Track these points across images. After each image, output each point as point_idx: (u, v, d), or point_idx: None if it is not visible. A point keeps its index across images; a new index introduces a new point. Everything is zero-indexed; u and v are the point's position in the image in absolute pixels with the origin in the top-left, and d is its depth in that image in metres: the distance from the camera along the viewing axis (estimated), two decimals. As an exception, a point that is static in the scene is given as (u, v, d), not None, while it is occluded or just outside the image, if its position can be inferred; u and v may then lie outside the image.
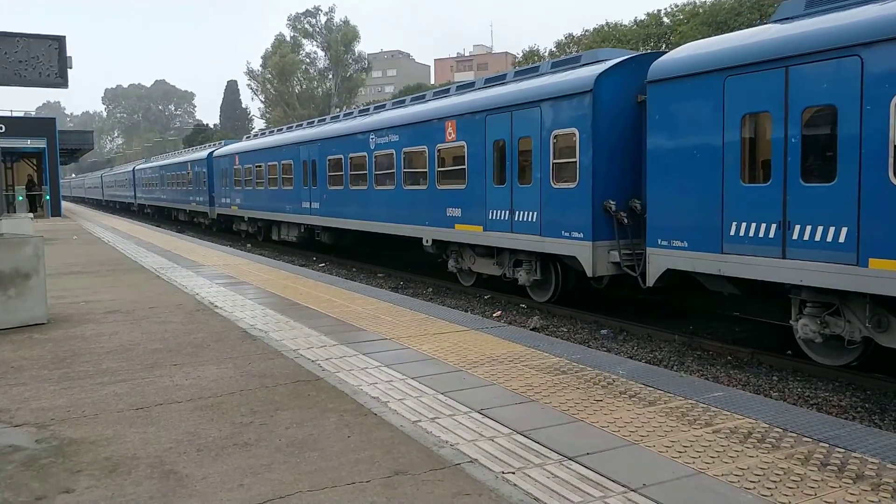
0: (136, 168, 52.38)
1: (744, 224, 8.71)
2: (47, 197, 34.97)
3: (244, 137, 35.14)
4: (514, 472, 3.71)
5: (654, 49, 36.12)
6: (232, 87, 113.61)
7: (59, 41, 10.23)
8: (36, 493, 3.53)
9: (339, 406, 4.86)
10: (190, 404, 4.93)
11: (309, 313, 8.47)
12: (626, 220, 10.85)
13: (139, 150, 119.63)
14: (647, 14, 43.27)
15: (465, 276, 15.11)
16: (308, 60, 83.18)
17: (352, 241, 20.45)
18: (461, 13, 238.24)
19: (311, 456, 3.96)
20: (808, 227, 8.00)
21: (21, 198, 33.48)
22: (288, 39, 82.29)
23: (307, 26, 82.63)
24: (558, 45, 47.57)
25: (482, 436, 4.26)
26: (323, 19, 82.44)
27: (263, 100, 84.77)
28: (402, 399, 5.00)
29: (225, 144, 33.40)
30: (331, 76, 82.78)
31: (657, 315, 11.83)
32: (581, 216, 11.14)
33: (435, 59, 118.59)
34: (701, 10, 38.39)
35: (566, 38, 47.45)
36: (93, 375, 5.72)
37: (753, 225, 8.59)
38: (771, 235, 8.37)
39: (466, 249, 14.59)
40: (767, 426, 4.37)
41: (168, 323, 7.92)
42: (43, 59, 10.14)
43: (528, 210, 12.24)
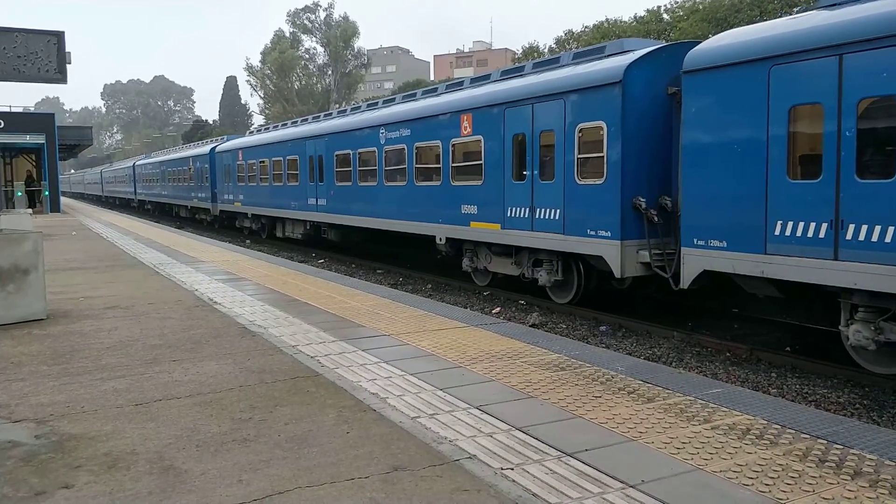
0: (136, 164, 51.96)
1: (790, 223, 8.16)
2: (46, 193, 34.95)
3: (247, 132, 34.64)
4: (512, 468, 3.72)
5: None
6: (231, 83, 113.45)
7: (58, 36, 10.21)
8: (35, 489, 3.53)
9: (338, 402, 4.86)
10: (189, 400, 4.94)
11: (308, 309, 8.47)
12: (656, 219, 10.35)
13: (138, 145, 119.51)
14: (647, 10, 43.18)
15: (480, 276, 14.61)
16: (307, 56, 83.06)
17: (359, 238, 20.10)
18: (461, 9, 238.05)
19: (310, 452, 3.97)
20: (864, 227, 7.44)
21: (20, 193, 33.46)
22: (287, 35, 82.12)
23: (306, 22, 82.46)
24: (558, 41, 47.47)
25: (481, 432, 4.27)
26: (322, 15, 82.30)
27: (263, 96, 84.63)
28: (401, 395, 5.01)
29: (228, 140, 32.90)
30: (330, 72, 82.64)
31: (659, 312, 11.83)
32: (609, 214, 10.60)
33: (434, 56, 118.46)
34: (701, 7, 38.32)
35: (565, 34, 47.37)
36: (92, 371, 5.72)
37: (801, 224, 8.05)
38: (821, 235, 7.81)
39: (482, 248, 14.08)
40: (766, 422, 4.38)
41: (167, 319, 7.92)
42: (42, 54, 10.12)
43: (550, 207, 11.71)
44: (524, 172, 12.30)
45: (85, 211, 40.60)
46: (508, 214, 12.68)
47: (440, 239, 14.91)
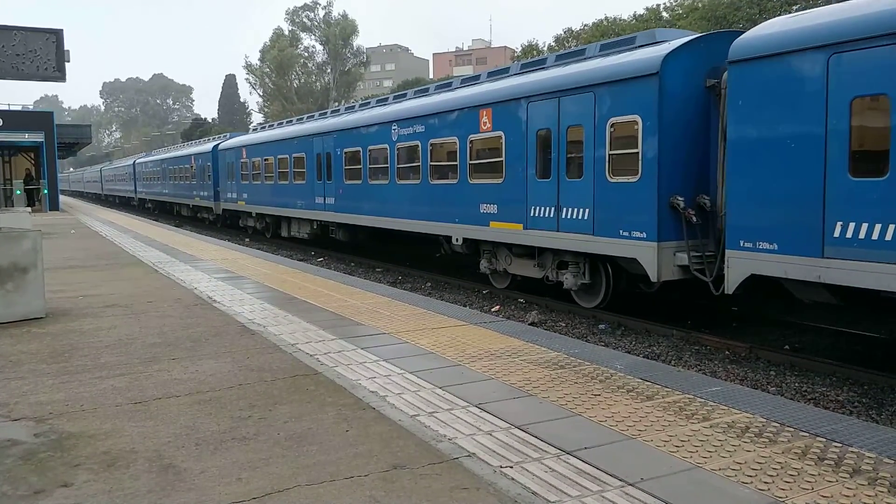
0: (136, 161, 51.38)
1: (852, 224, 7.51)
2: (45, 191, 34.93)
3: (251, 129, 34.13)
4: (511, 466, 3.72)
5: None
6: (230, 82, 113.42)
7: (57, 35, 10.21)
8: (34, 487, 3.53)
9: (338, 400, 4.86)
10: (188, 398, 4.94)
11: (307, 307, 8.47)
12: (694, 219, 9.76)
13: (137, 144, 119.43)
14: (646, 9, 43.21)
15: (499, 278, 13.97)
16: (306, 54, 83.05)
17: (368, 238, 19.62)
18: (460, 7, 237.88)
19: (310, 450, 3.97)
20: None
21: (19, 192, 33.41)
22: (286, 33, 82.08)
23: (305, 20, 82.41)
24: (557, 39, 47.48)
25: (480, 430, 4.27)
26: (321, 13, 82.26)
27: (262, 94, 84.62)
28: (400, 393, 5.01)
29: (231, 137, 32.24)
30: (329, 70, 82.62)
31: (658, 311, 11.84)
32: (644, 214, 10.00)
33: (433, 54, 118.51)
34: (700, 5, 38.33)
35: (565, 32, 47.37)
36: (91, 369, 5.72)
37: (865, 225, 7.40)
38: (888, 238, 7.21)
39: (502, 249, 13.46)
40: (765, 420, 4.38)
41: (166, 317, 7.91)
42: (40, 52, 10.12)
43: (578, 207, 11.09)
44: (549, 170, 11.70)
45: (84, 209, 40.58)
46: (531, 214, 12.08)
47: (456, 239, 14.26)
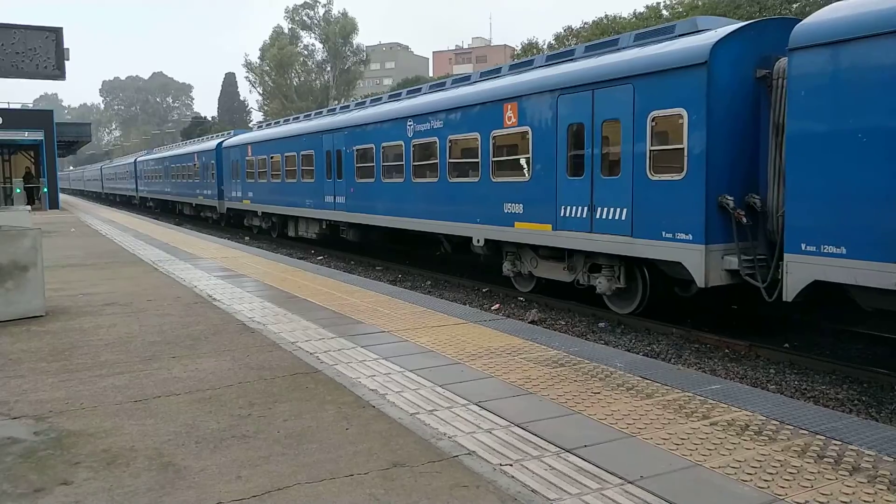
0: (138, 160, 50.85)
1: None
2: (45, 189, 34.92)
3: (255, 126, 33.65)
4: (511, 464, 3.72)
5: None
6: (230, 80, 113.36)
7: (56, 33, 10.20)
8: (34, 485, 3.53)
9: (338, 398, 4.87)
10: (188, 396, 4.94)
11: (307, 306, 8.47)
12: (744, 220, 9.12)
13: (137, 142, 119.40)
14: (647, 7, 43.21)
15: (523, 282, 13.28)
16: (306, 53, 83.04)
17: (381, 239, 19.04)
18: (459, 6, 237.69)
19: (310, 448, 3.97)
20: None
21: (19, 190, 33.42)
22: (286, 31, 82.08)
23: (305, 18, 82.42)
24: (557, 37, 47.46)
25: (480, 428, 4.27)
26: (321, 11, 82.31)
27: (261, 92, 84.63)
28: (400, 391, 5.01)
29: (235, 134, 31.60)
30: (329, 68, 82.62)
31: (657, 309, 11.83)
32: (690, 214, 9.34)
33: (433, 52, 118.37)
34: (700, 3, 38.31)
35: (565, 30, 47.36)
36: (91, 368, 5.72)
37: None
38: None
39: (526, 251, 12.79)
40: (764, 418, 4.38)
41: (166, 315, 7.91)
42: (40, 50, 10.11)
43: (614, 206, 10.39)
44: (582, 167, 10.99)
45: (84, 208, 40.58)
46: (561, 214, 11.35)
47: (477, 241, 13.56)
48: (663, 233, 9.73)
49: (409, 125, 15.68)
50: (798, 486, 3.43)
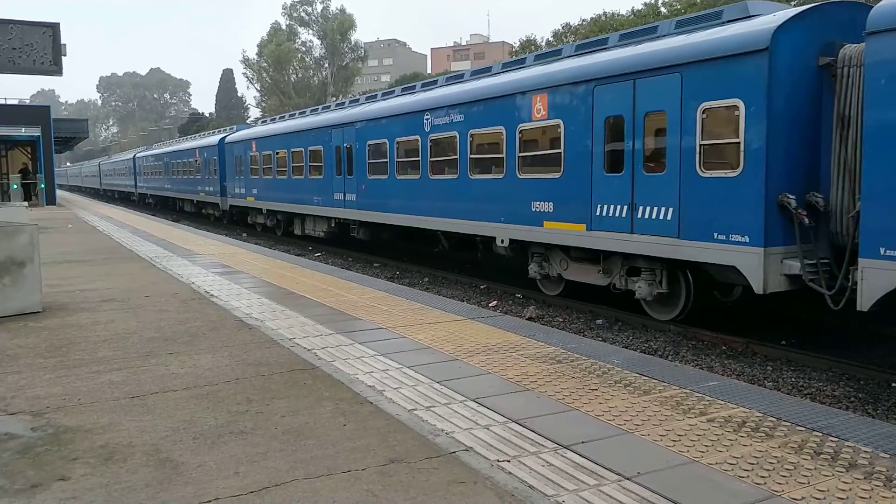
0: (137, 155, 50.03)
1: None
2: (42, 185, 34.85)
3: (254, 123, 33.05)
4: (509, 461, 3.72)
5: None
6: (227, 76, 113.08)
7: (54, 28, 10.18)
8: (32, 481, 3.53)
9: (335, 395, 4.87)
10: (186, 393, 4.93)
11: (305, 302, 8.47)
12: (806, 220, 8.43)
13: (134, 138, 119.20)
14: (644, 4, 43.17)
15: (551, 285, 12.57)
16: (304, 49, 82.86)
17: (392, 237, 18.42)
18: (458, 3, 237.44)
19: (307, 444, 3.97)
20: None
21: (15, 186, 33.31)
22: (284, 28, 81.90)
23: (303, 14, 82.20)
24: (555, 34, 47.46)
25: (477, 424, 4.27)
26: (319, 7, 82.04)
27: (259, 89, 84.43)
28: (397, 388, 5.01)
29: (238, 129, 30.66)
30: (326, 65, 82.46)
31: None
32: (746, 214, 8.67)
33: (431, 49, 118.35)
34: (699, 1, 38.29)
35: (563, 27, 47.35)
36: (88, 364, 5.72)
37: None
38: None
39: (555, 252, 12.10)
40: (761, 415, 4.39)
41: (164, 312, 7.91)
42: (37, 46, 10.09)
43: (658, 205, 9.69)
44: (621, 162, 10.28)
45: (81, 204, 40.51)
46: (597, 213, 10.64)
47: (501, 241, 12.84)
48: (715, 234, 9.05)
49: (427, 119, 14.96)
50: (795, 483, 3.43)
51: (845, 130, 8.27)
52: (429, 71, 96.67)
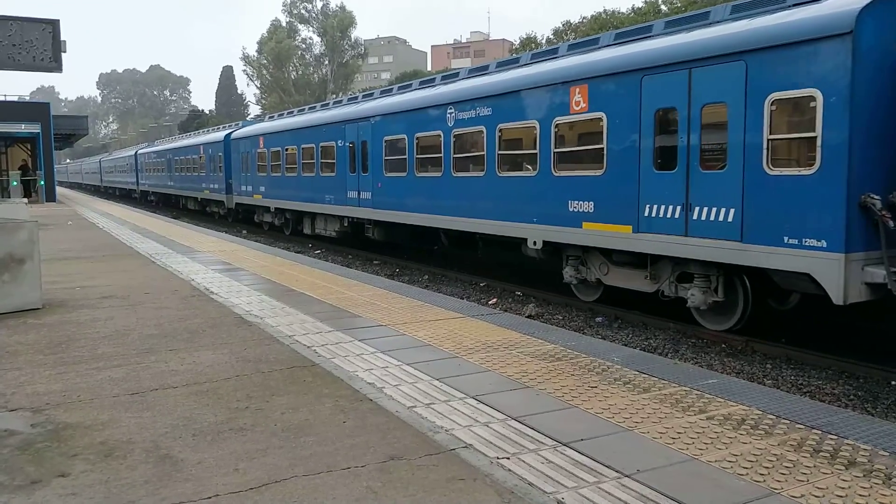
0: (138, 152, 49.23)
1: None
2: (41, 182, 34.84)
3: (266, 118, 31.65)
4: (508, 458, 3.73)
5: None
6: (227, 73, 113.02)
7: (53, 25, 10.17)
8: (31, 477, 3.53)
9: (335, 392, 4.87)
10: (185, 389, 4.94)
11: (304, 299, 8.47)
12: (891, 223, 7.61)
13: (134, 135, 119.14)
14: (645, 2, 43.12)
15: (588, 290, 11.79)
16: (304, 46, 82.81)
17: (408, 238, 17.57)
18: (457, 1, 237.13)
19: (307, 441, 3.97)
20: None
21: (15, 183, 33.34)
22: (284, 25, 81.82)
23: (303, 11, 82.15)
24: (556, 32, 47.44)
25: (477, 421, 4.28)
26: (319, 4, 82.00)
27: (259, 86, 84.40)
28: (397, 385, 5.01)
29: (244, 125, 29.87)
30: (327, 62, 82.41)
31: (655, 304, 11.84)
32: (824, 216, 7.81)
33: (432, 46, 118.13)
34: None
35: (563, 25, 47.34)
36: (88, 360, 5.72)
37: None
38: None
39: (594, 256, 11.26)
40: (761, 413, 4.39)
41: (163, 308, 7.91)
42: (37, 42, 10.08)
43: (718, 205, 8.86)
44: (674, 159, 9.46)
45: (81, 201, 40.49)
46: (645, 214, 9.81)
47: (533, 242, 11.96)
48: (785, 238, 8.20)
49: (450, 113, 14.04)
50: (794, 480, 3.44)
51: None
52: (429, 68, 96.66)
